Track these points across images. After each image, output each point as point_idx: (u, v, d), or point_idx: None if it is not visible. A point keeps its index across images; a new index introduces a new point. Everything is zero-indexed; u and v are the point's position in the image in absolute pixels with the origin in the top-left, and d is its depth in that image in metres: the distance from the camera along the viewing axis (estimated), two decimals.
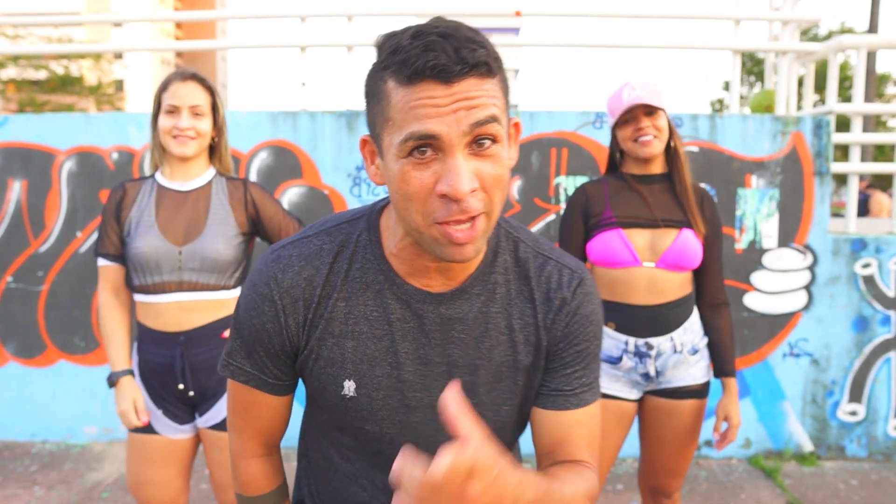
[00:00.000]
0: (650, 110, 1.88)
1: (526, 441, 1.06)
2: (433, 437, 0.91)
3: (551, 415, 0.95)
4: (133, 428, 1.85)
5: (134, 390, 1.86)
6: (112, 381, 1.87)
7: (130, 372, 1.88)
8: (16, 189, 3.68)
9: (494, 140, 0.77)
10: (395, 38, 0.76)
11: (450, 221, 0.77)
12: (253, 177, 3.58)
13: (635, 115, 1.90)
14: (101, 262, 1.89)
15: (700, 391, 1.97)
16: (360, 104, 3.83)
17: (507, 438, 0.97)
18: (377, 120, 0.80)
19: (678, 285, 1.92)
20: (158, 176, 1.91)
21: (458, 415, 0.65)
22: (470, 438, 0.63)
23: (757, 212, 3.53)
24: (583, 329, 0.94)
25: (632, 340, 1.92)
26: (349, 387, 0.90)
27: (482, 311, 0.90)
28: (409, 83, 0.74)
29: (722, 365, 1.98)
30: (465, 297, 0.90)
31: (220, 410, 1.85)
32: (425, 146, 0.75)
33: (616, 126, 1.96)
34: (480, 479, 0.63)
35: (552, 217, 3.56)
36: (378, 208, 0.93)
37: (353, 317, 0.90)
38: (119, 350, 1.88)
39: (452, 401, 0.66)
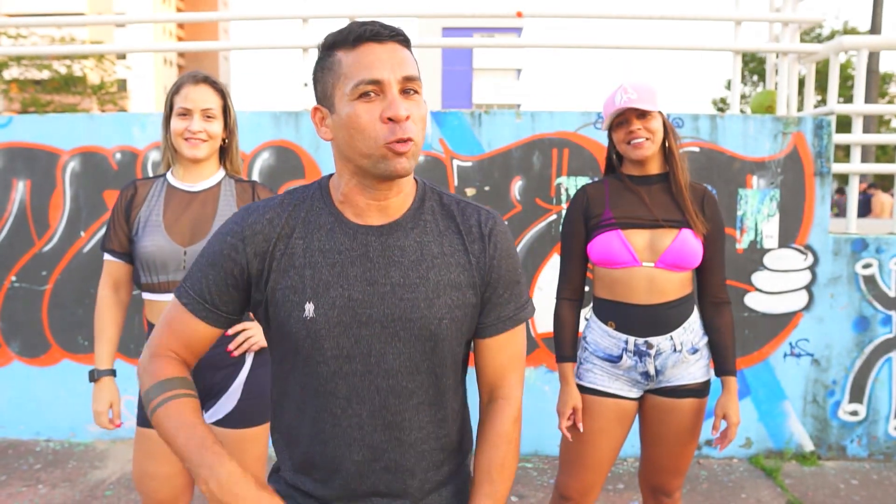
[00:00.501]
0: (642, 113, 1.89)
1: (526, 442, 1.09)
2: (382, 348, 1.07)
3: (492, 342, 1.15)
4: (104, 427, 1.89)
5: (112, 392, 1.89)
6: (93, 377, 1.89)
7: (112, 372, 1.91)
8: (20, 189, 3.70)
9: (418, 92, 1.05)
10: (336, 32, 1.05)
11: (394, 141, 1.00)
12: (255, 177, 3.59)
13: (627, 117, 1.91)
14: (107, 257, 1.92)
15: (700, 390, 1.97)
16: None
17: (449, 349, 1.11)
18: (328, 84, 1.05)
19: (678, 285, 1.93)
20: (169, 176, 1.93)
21: None
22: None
23: (758, 212, 3.54)
24: (504, 259, 1.14)
25: (631, 339, 1.93)
26: (309, 309, 1.06)
27: (417, 240, 1.10)
28: (353, 47, 1.02)
29: (723, 364, 1.99)
30: (401, 230, 1.10)
31: (224, 406, 1.87)
32: (369, 91, 1.01)
33: (611, 129, 1.98)
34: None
35: (553, 217, 3.58)
36: (326, 177, 1.17)
37: (310, 250, 1.08)
38: (106, 347, 1.91)
39: None
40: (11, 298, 3.74)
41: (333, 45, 1.05)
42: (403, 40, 1.04)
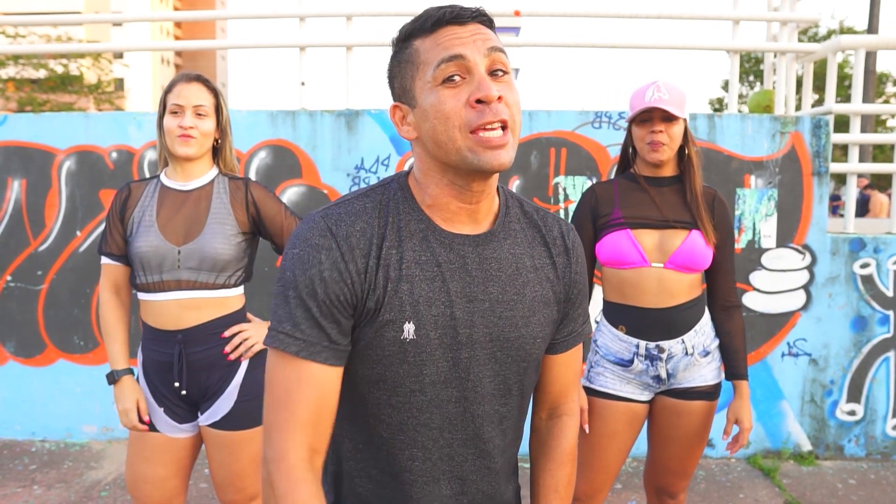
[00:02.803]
0: (668, 116, 1.87)
1: (526, 442, 1.09)
2: (479, 371, 0.99)
3: (562, 358, 1.10)
4: (132, 428, 1.86)
5: (136, 390, 1.87)
6: (112, 378, 1.88)
7: (131, 371, 1.90)
8: (15, 188, 3.68)
9: (506, 72, 0.93)
10: (412, 20, 0.95)
11: (484, 126, 0.89)
12: (252, 176, 3.58)
13: (653, 116, 1.88)
14: (104, 260, 1.91)
15: (710, 392, 1.97)
16: (359, 104, 3.84)
17: (535, 368, 1.07)
18: (407, 78, 0.95)
19: (688, 287, 1.91)
20: (163, 176, 1.93)
21: None
22: None
23: (756, 211, 3.54)
24: (581, 272, 1.10)
25: (643, 343, 1.91)
26: (409, 329, 0.94)
27: (511, 252, 1.01)
28: (432, 31, 0.92)
29: (734, 367, 1.98)
30: (495, 239, 1.00)
31: (220, 408, 1.86)
32: (454, 75, 0.90)
33: (633, 121, 1.95)
34: None
35: None
36: (403, 174, 1.03)
37: (406, 261, 0.95)
38: (119, 348, 1.89)
39: None
40: (7, 298, 3.72)
41: (410, 34, 0.95)
42: (487, 21, 0.94)
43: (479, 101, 0.89)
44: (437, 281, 0.96)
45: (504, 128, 0.90)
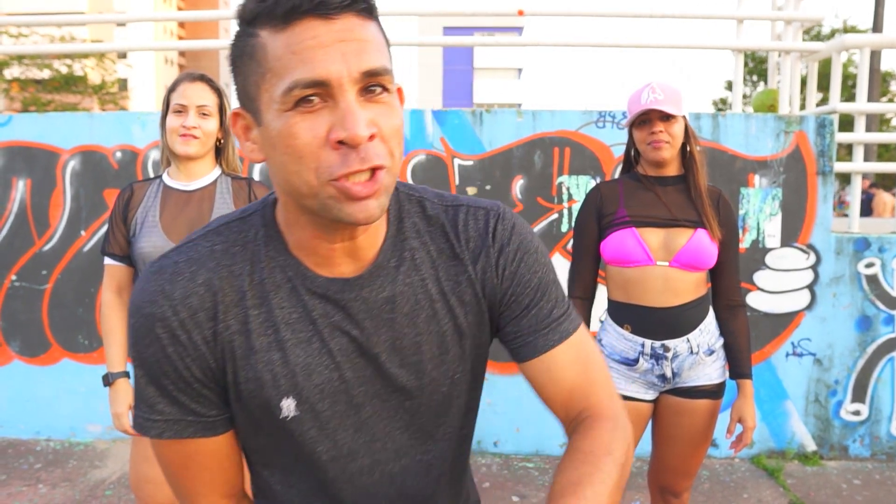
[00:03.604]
0: (666, 116, 1.87)
1: (528, 442, 1.08)
2: (386, 427, 0.83)
3: (543, 362, 0.84)
4: (124, 432, 1.87)
5: (130, 394, 1.88)
6: (108, 381, 1.88)
7: (127, 374, 1.90)
8: (20, 188, 3.69)
9: (386, 89, 0.70)
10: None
11: (349, 175, 0.67)
12: (255, 177, 3.59)
13: (651, 118, 1.89)
14: (107, 261, 1.91)
15: (715, 391, 1.96)
16: None
17: (464, 402, 0.89)
18: (251, 82, 0.70)
19: (693, 286, 1.91)
20: (165, 176, 1.93)
21: None
22: None
23: (760, 211, 3.53)
24: (523, 263, 0.85)
25: (648, 343, 1.91)
26: (288, 406, 0.78)
27: (406, 282, 0.81)
28: (285, 25, 0.66)
29: (738, 366, 1.98)
30: (383, 273, 0.80)
31: None
32: (312, 95, 0.66)
33: (632, 125, 1.95)
34: None
35: (555, 216, 3.57)
36: (271, 201, 0.81)
37: (272, 324, 0.77)
38: (117, 350, 1.89)
39: None
40: (11, 297, 3.74)
41: (255, 18, 0.69)
42: (365, 8, 0.69)
43: (342, 142, 0.66)
44: (314, 342, 0.78)
45: (374, 171, 0.69)
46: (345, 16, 0.67)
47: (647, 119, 1.90)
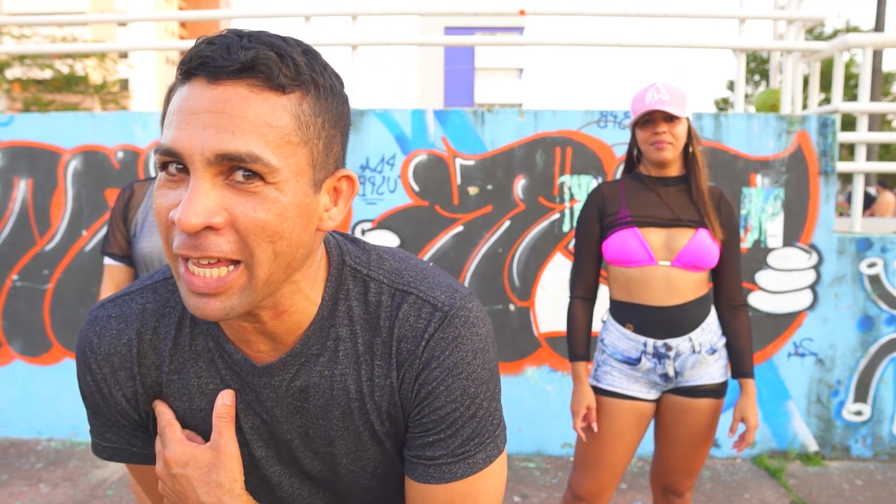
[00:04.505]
0: (669, 116, 1.87)
1: (529, 442, 1.08)
2: (309, 502, 0.83)
3: (417, 487, 0.76)
4: None
5: None
6: None
7: None
8: (21, 188, 3.69)
9: (263, 178, 0.61)
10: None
11: (188, 256, 0.62)
12: None
13: (655, 118, 1.89)
14: (107, 261, 1.90)
15: (717, 391, 1.96)
16: (364, 103, 3.83)
17: (394, 490, 0.84)
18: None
19: (695, 285, 1.91)
20: None
21: (218, 422, 0.74)
22: (217, 447, 0.74)
23: (762, 211, 3.53)
24: (444, 387, 0.73)
25: (650, 342, 1.91)
26: None
27: (324, 374, 0.75)
28: (183, 82, 0.63)
29: (740, 366, 1.98)
30: (299, 361, 0.74)
31: None
32: (172, 163, 0.62)
33: (636, 125, 1.95)
34: (202, 479, 0.73)
35: (556, 216, 3.56)
36: None
37: (188, 392, 0.76)
38: None
39: (220, 408, 0.74)
40: (13, 297, 3.74)
41: (177, 74, 0.65)
42: (267, 79, 0.60)
43: (175, 222, 0.60)
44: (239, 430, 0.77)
45: (234, 263, 0.62)
46: (230, 83, 0.60)
47: (650, 119, 1.90)
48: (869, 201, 9.80)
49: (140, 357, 0.76)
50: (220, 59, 0.59)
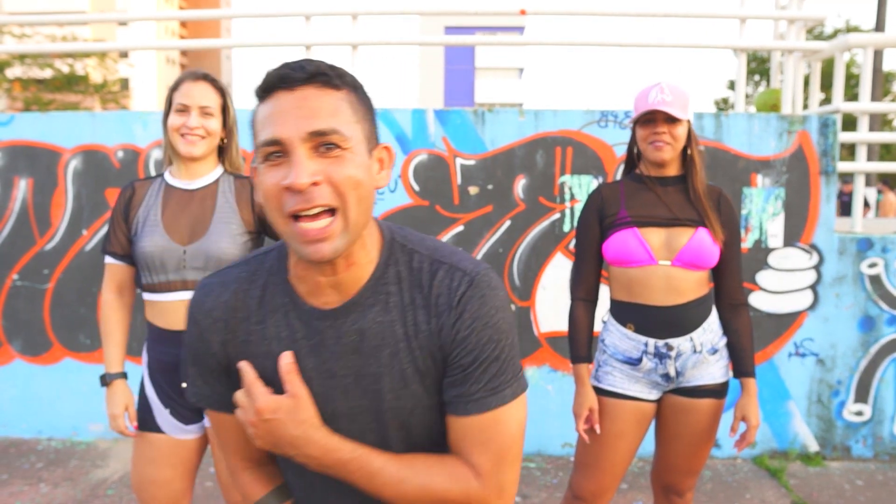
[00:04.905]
0: (671, 118, 1.87)
1: (529, 442, 1.07)
2: (355, 436, 0.95)
3: (455, 420, 0.95)
4: (120, 433, 1.86)
5: (127, 395, 1.86)
6: (105, 381, 1.87)
7: (124, 375, 1.89)
8: (21, 187, 3.69)
9: (340, 147, 0.85)
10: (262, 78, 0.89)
11: (301, 215, 0.84)
12: None
13: (656, 118, 1.89)
14: (108, 259, 1.90)
15: (718, 391, 1.96)
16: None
17: (430, 431, 0.99)
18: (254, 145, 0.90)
19: (695, 284, 1.91)
20: (167, 175, 1.91)
21: (288, 377, 0.92)
22: (294, 394, 0.92)
23: (762, 211, 3.52)
24: (474, 334, 0.92)
25: (651, 342, 1.91)
26: None
27: (377, 321, 0.94)
28: (263, 97, 0.88)
29: (741, 365, 1.97)
30: (358, 309, 0.94)
31: None
32: (277, 152, 0.85)
33: (637, 122, 1.95)
34: (290, 420, 0.91)
35: (557, 216, 3.56)
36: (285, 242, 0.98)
37: (267, 338, 0.96)
38: (115, 351, 1.88)
39: (285, 366, 0.92)
40: (13, 297, 3.74)
41: (256, 94, 0.90)
42: (326, 81, 0.86)
43: (288, 188, 0.83)
44: (299, 360, 0.94)
45: (333, 212, 0.85)
46: (304, 88, 0.85)
47: (651, 118, 1.90)
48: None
49: (234, 311, 0.98)
50: (293, 74, 0.85)
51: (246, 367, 0.94)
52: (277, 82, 0.85)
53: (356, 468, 0.92)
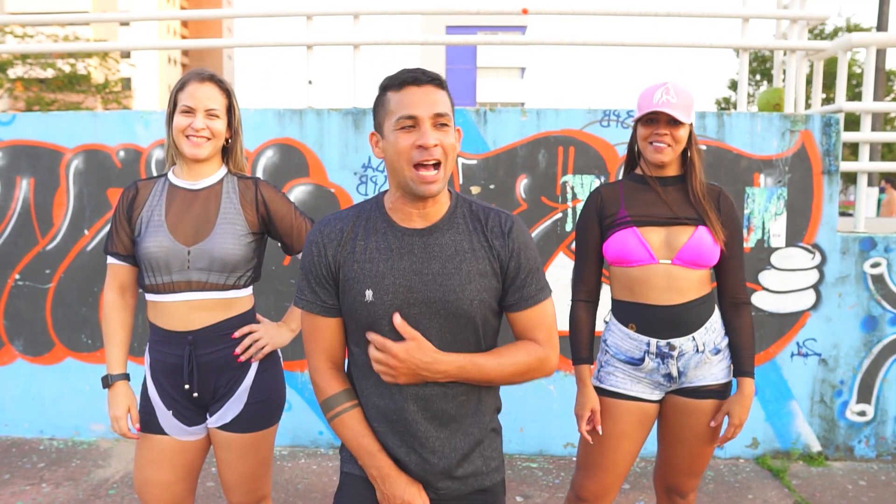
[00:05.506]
0: (674, 120, 1.86)
1: (531, 442, 1.06)
2: (427, 323, 1.37)
3: (519, 314, 1.44)
4: (123, 435, 1.85)
5: (129, 397, 1.85)
6: (107, 382, 1.86)
7: (126, 376, 1.87)
8: (23, 187, 3.69)
9: (448, 126, 1.35)
10: (390, 76, 1.37)
11: (422, 164, 1.31)
12: (259, 175, 3.58)
13: (659, 118, 1.88)
14: (110, 260, 1.88)
15: (721, 391, 1.95)
16: (366, 103, 3.84)
17: (482, 321, 1.41)
18: (381, 117, 1.38)
19: (697, 283, 1.90)
20: (171, 175, 1.89)
21: (402, 328, 1.34)
22: (412, 338, 1.34)
23: (765, 210, 3.52)
24: (522, 253, 1.42)
25: (653, 342, 1.91)
26: (368, 294, 1.36)
27: (451, 239, 1.40)
28: (399, 89, 1.34)
29: (739, 365, 1.96)
30: (438, 231, 1.40)
31: (230, 410, 1.84)
32: (409, 125, 1.32)
33: (639, 121, 1.95)
34: (419, 353, 1.33)
35: (559, 215, 3.55)
36: (382, 192, 1.49)
37: (369, 249, 1.40)
38: (117, 352, 1.86)
39: (400, 324, 1.34)
40: (15, 296, 3.74)
41: (386, 87, 1.36)
42: (439, 83, 1.36)
43: (420, 146, 1.30)
44: (390, 261, 1.38)
45: (437, 166, 1.32)
46: (427, 86, 1.34)
47: (654, 119, 1.89)
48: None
49: (347, 234, 1.42)
50: (422, 76, 1.34)
51: (373, 336, 1.35)
52: (411, 80, 1.33)
53: (470, 368, 1.36)
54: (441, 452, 1.40)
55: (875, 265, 3.53)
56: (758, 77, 23.44)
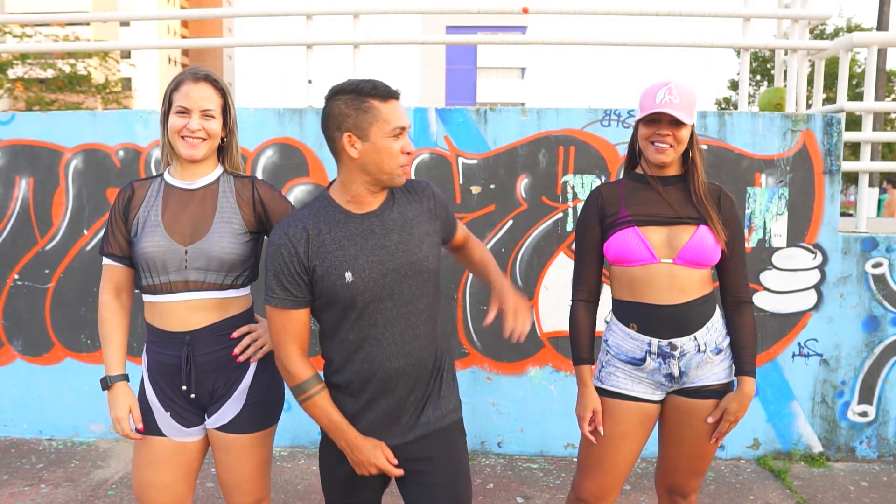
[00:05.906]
0: (676, 121, 1.85)
1: (531, 442, 1.06)
2: (400, 286, 1.63)
3: (457, 235, 1.88)
4: (125, 436, 1.84)
5: (130, 397, 1.83)
6: (106, 384, 1.84)
7: (125, 377, 1.86)
8: (22, 187, 3.68)
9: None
10: (366, 84, 1.58)
11: (405, 164, 1.62)
12: (259, 175, 3.57)
13: (661, 118, 1.87)
14: (106, 261, 1.86)
15: (722, 391, 1.93)
16: None
17: (437, 280, 1.73)
18: (365, 121, 1.57)
19: (698, 282, 1.89)
20: (167, 175, 1.88)
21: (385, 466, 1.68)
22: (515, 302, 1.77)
23: (766, 210, 3.51)
24: (442, 204, 1.78)
25: (655, 341, 1.89)
26: (348, 275, 1.58)
27: (400, 212, 1.68)
28: (385, 100, 1.58)
29: (741, 363, 1.94)
30: (388, 208, 1.67)
31: (228, 411, 1.83)
32: (399, 133, 1.59)
33: (640, 120, 1.93)
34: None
35: (559, 215, 3.54)
36: (324, 189, 1.70)
37: (337, 239, 1.61)
38: (115, 353, 1.85)
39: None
40: (14, 297, 3.73)
41: (366, 94, 1.56)
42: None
43: (408, 153, 1.62)
44: (358, 244, 1.61)
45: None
46: (399, 99, 1.62)
47: (656, 119, 1.88)
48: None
49: (311, 231, 1.61)
50: (396, 90, 1.62)
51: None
52: (393, 94, 1.59)
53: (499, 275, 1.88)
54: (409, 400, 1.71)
55: (877, 265, 3.52)
56: (758, 77, 23.43)
